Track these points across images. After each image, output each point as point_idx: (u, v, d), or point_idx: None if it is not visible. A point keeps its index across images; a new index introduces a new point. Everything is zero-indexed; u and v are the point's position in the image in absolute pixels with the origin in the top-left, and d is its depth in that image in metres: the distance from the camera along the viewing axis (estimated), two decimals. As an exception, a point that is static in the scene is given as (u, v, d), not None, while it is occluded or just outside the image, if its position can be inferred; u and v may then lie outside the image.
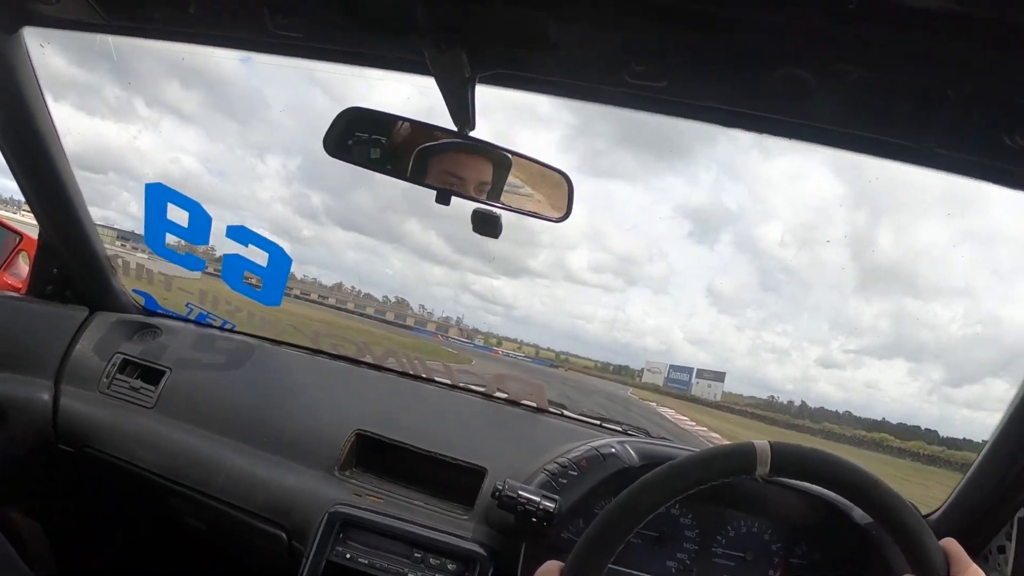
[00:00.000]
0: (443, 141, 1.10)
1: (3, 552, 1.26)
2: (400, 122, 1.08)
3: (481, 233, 1.24)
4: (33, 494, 1.74)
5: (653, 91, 0.88)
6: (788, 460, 0.79)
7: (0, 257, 1.86)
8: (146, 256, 1.90)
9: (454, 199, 1.12)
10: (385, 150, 1.08)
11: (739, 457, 0.80)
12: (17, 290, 1.79)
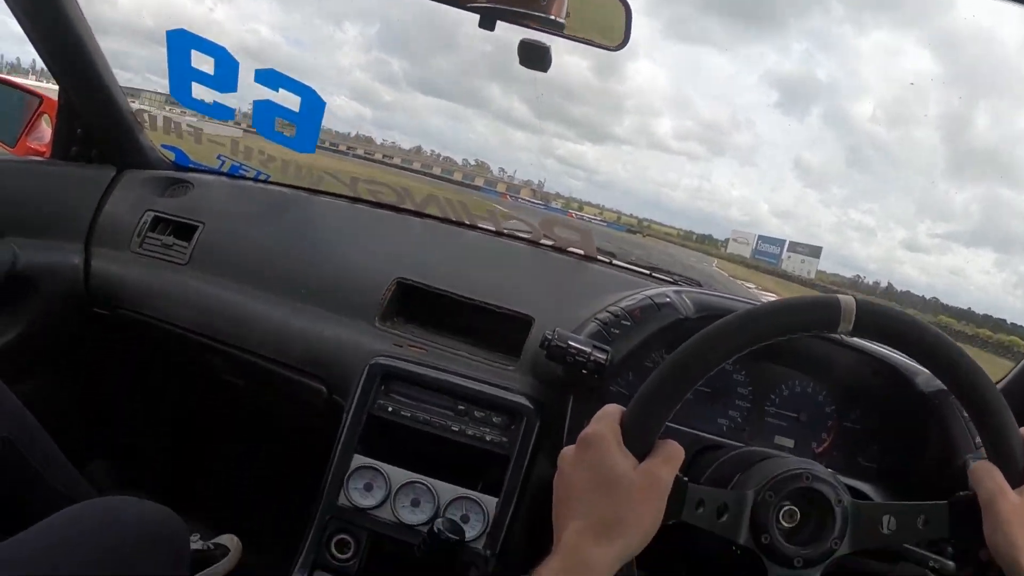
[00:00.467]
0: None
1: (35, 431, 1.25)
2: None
3: (528, 66, 1.16)
4: (69, 361, 1.73)
5: None
6: (873, 319, 0.73)
7: (22, 122, 1.78)
8: (195, 119, 1.83)
9: (500, 24, 1.02)
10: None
11: (823, 310, 0.73)
12: (41, 154, 1.73)
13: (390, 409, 1.20)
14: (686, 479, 0.71)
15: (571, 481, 0.71)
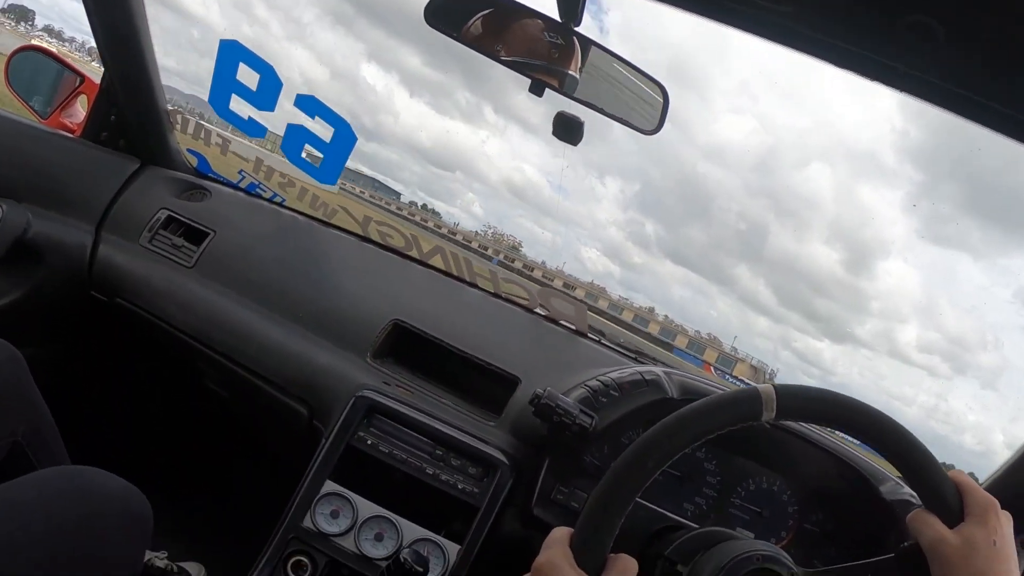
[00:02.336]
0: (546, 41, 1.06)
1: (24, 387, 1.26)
2: (506, 4, 1.04)
3: (561, 137, 1.21)
4: (56, 339, 1.74)
5: (777, 15, 0.83)
6: (794, 402, 0.76)
7: (59, 97, 1.83)
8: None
9: (548, 92, 1.08)
10: (486, 28, 1.03)
11: (744, 404, 0.76)
12: (71, 132, 1.77)
13: (369, 442, 1.23)
14: None
15: None
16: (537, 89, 1.06)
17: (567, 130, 1.19)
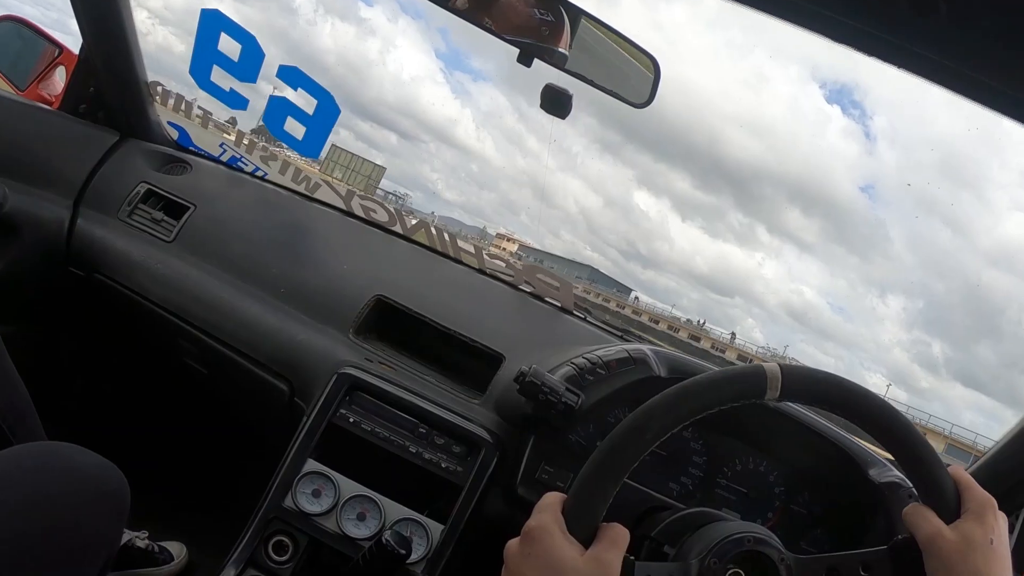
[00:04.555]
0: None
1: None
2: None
3: (549, 111, 1.18)
4: (35, 315, 1.71)
5: None
6: (799, 383, 0.74)
7: (37, 68, 1.78)
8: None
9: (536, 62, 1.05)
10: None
11: (749, 380, 0.74)
12: (49, 104, 1.73)
13: (351, 420, 1.20)
14: (633, 558, 0.71)
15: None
16: (525, 59, 1.03)
17: (555, 103, 1.16)
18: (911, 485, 1.13)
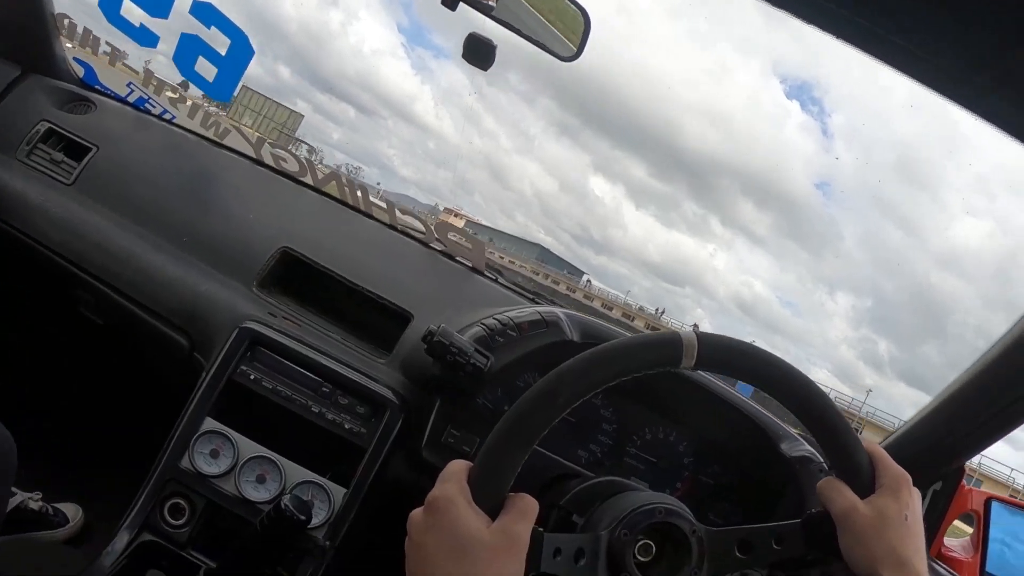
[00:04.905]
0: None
1: None
2: None
3: (471, 61, 1.12)
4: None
5: None
6: (714, 352, 0.71)
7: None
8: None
9: (462, 6, 0.99)
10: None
11: (664, 347, 0.71)
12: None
13: (252, 377, 1.15)
14: (541, 529, 0.68)
15: (423, 547, 0.66)
16: (450, 3, 0.96)
17: (477, 53, 1.10)
18: (822, 460, 1.13)
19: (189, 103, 1.67)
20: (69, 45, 1.64)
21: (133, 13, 1.57)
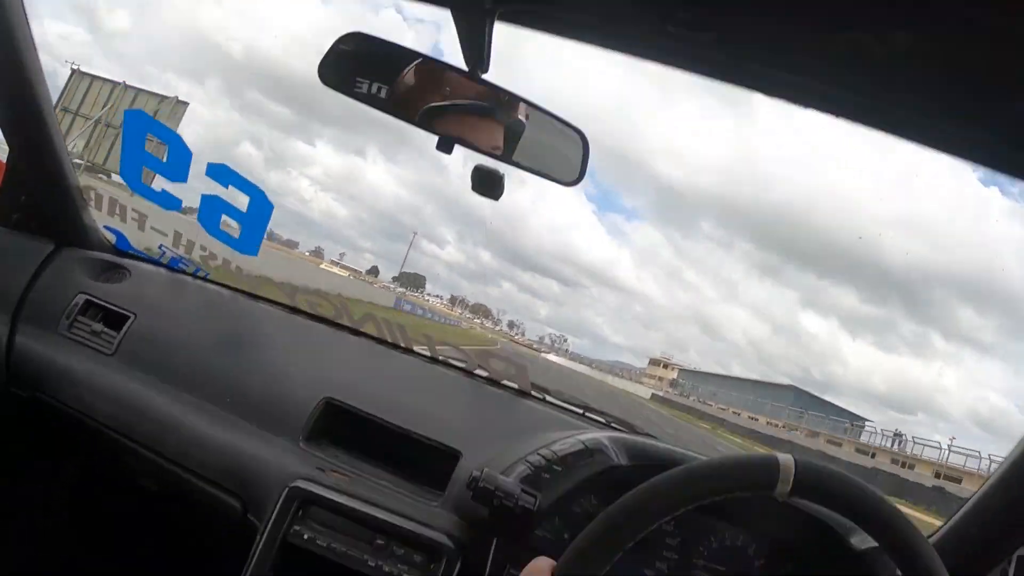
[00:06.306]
0: (454, 99, 0.98)
1: None
2: (408, 55, 0.96)
3: (480, 192, 1.12)
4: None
5: (698, 45, 0.76)
6: (812, 481, 0.70)
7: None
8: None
9: (459, 149, 1.00)
10: (389, 86, 0.95)
11: (761, 471, 0.70)
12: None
13: (306, 536, 1.14)
14: None
15: None
16: (445, 146, 0.97)
17: (487, 185, 1.10)
18: None
19: (221, 259, 1.72)
20: (98, 213, 1.69)
21: (155, 181, 1.63)
